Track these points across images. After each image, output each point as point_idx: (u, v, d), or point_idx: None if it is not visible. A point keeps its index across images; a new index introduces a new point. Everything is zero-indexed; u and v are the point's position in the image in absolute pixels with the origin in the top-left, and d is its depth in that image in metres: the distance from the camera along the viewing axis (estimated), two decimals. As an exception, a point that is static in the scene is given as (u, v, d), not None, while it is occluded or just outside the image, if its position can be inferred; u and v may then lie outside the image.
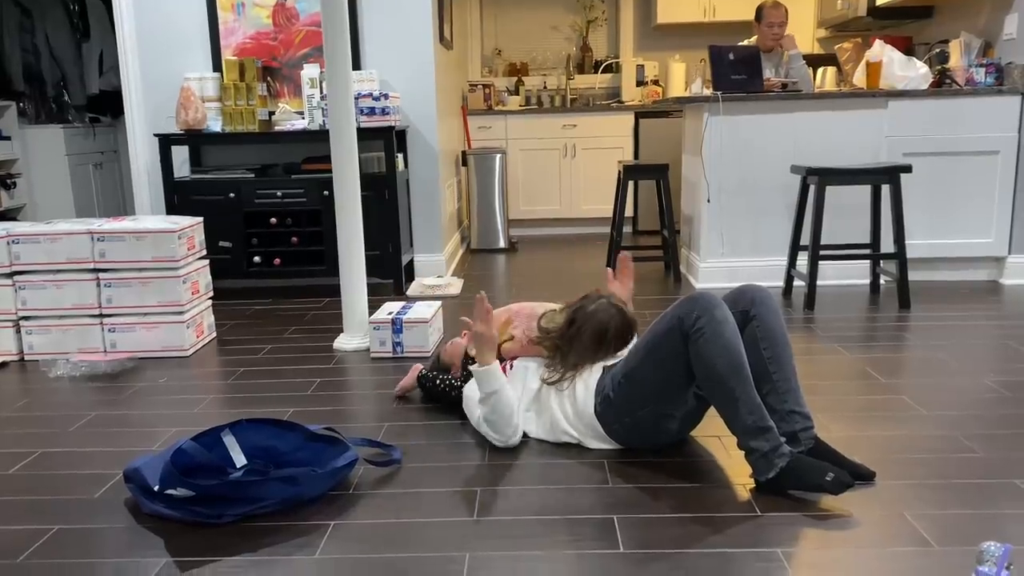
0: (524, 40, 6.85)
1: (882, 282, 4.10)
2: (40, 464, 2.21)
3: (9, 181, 5.54)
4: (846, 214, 4.09)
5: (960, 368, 2.80)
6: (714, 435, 2.24)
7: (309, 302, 4.13)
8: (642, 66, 6.56)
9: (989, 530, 1.72)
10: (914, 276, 4.03)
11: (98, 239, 3.15)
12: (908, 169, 3.63)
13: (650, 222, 6.14)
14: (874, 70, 4.14)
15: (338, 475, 1.99)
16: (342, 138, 3.18)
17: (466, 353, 2.49)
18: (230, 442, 2.01)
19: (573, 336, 2.20)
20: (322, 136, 4.00)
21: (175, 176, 4.17)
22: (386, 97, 4.04)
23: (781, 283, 4.07)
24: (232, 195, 4.13)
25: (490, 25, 6.82)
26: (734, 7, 6.25)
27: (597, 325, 2.19)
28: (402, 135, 4.42)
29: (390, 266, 4.19)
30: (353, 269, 3.29)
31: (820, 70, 5.07)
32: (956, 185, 4.07)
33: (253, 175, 4.18)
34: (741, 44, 4.54)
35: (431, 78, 4.41)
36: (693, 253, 4.43)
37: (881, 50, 4.17)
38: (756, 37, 4.68)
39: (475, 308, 2.17)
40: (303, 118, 4.20)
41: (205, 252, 3.46)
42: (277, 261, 4.19)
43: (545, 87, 6.79)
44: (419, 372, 2.62)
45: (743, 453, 1.93)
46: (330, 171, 3.85)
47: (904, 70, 4.10)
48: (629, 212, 6.20)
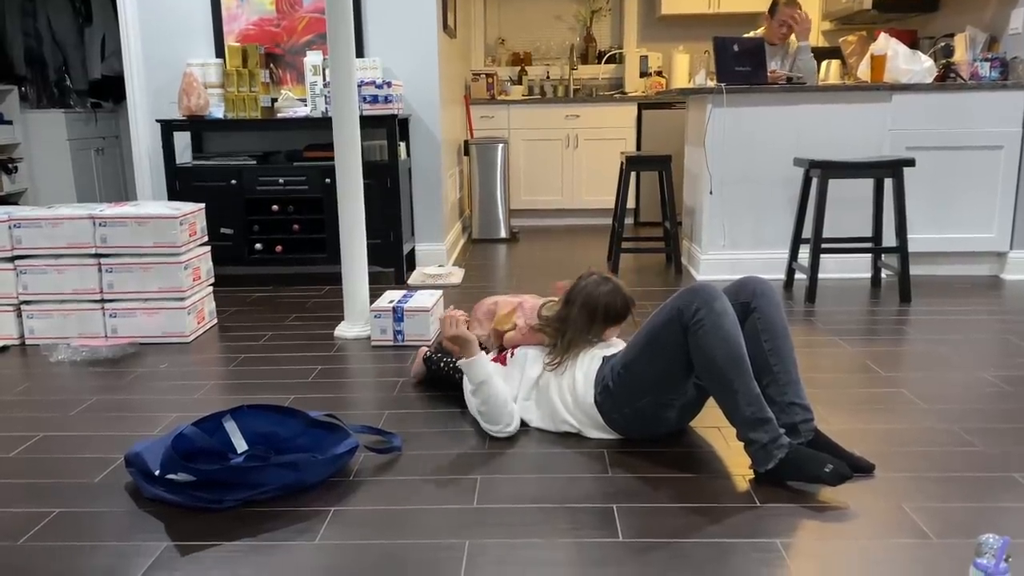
0: (528, 30, 6.83)
1: (883, 276, 4.10)
2: (41, 448, 2.21)
3: (11, 166, 5.54)
4: (848, 207, 4.09)
5: (960, 362, 2.81)
6: (713, 425, 2.25)
7: (310, 290, 4.13)
8: (646, 57, 6.54)
9: (988, 523, 1.73)
10: (915, 270, 4.02)
11: (99, 224, 3.14)
12: (911, 163, 3.62)
13: (652, 213, 6.13)
14: (878, 63, 4.12)
15: (338, 462, 1.99)
16: (344, 126, 3.18)
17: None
18: (231, 428, 2.02)
19: (568, 315, 2.24)
20: (324, 124, 3.98)
21: (177, 162, 4.16)
22: (389, 85, 4.03)
23: (782, 276, 4.07)
24: (234, 182, 4.12)
25: (494, 14, 6.79)
26: (739, -2, 6.23)
27: (586, 298, 2.23)
28: (405, 124, 4.41)
29: (391, 255, 4.19)
30: (354, 257, 3.29)
31: (824, 63, 5.05)
32: (959, 180, 4.06)
33: (255, 162, 4.17)
34: (746, 36, 4.52)
35: (434, 67, 4.40)
36: (695, 245, 4.42)
37: (886, 43, 4.15)
38: (763, 29, 4.67)
39: (442, 324, 2.23)
40: (306, 105, 4.19)
41: (207, 238, 3.45)
42: (279, 248, 4.19)
43: (548, 77, 6.77)
44: (424, 355, 2.62)
45: (742, 444, 1.93)
46: (332, 159, 3.84)
47: (908, 64, 4.08)
48: (631, 203, 6.18)
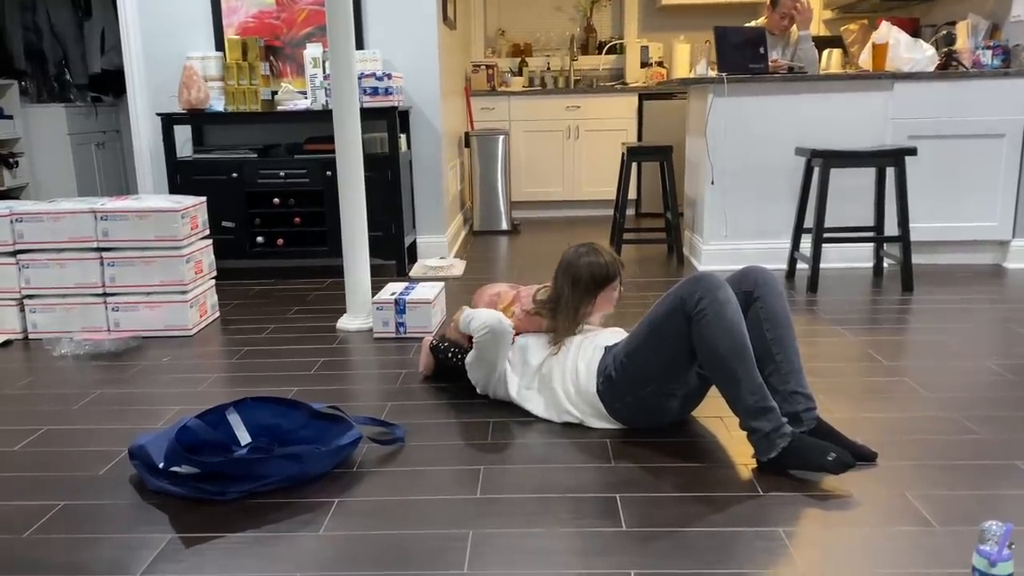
0: (528, 21, 6.80)
1: (885, 265, 4.10)
2: (45, 441, 2.22)
3: (11, 160, 5.54)
4: (850, 197, 4.08)
5: (962, 351, 2.80)
6: (716, 415, 2.25)
7: (312, 282, 4.13)
8: (646, 47, 6.52)
9: (990, 510, 1.73)
10: (917, 259, 4.02)
11: (101, 218, 3.14)
12: (913, 152, 3.61)
13: (653, 204, 6.11)
14: (880, 52, 4.11)
15: (342, 453, 2.00)
16: (345, 118, 3.17)
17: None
18: (234, 420, 2.02)
19: (559, 293, 2.29)
20: (325, 116, 3.98)
21: (177, 156, 4.16)
22: (389, 77, 4.02)
23: (784, 265, 4.07)
24: (235, 175, 4.12)
25: (493, 5, 6.77)
26: (740, -12, 6.21)
27: (568, 268, 2.28)
28: (405, 116, 4.40)
29: (393, 247, 4.19)
30: (356, 250, 3.29)
31: (826, 52, 5.04)
32: (961, 168, 4.05)
33: (256, 155, 4.17)
34: (747, 25, 4.51)
35: (434, 58, 4.39)
36: (696, 235, 4.42)
37: (887, 32, 4.13)
38: (764, 19, 4.65)
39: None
40: (306, 98, 4.19)
41: (208, 232, 3.45)
42: (280, 241, 4.19)
43: (548, 68, 6.75)
44: (431, 344, 2.60)
45: (745, 433, 1.93)
46: (333, 151, 3.83)
47: (910, 52, 4.07)
48: (632, 194, 6.18)
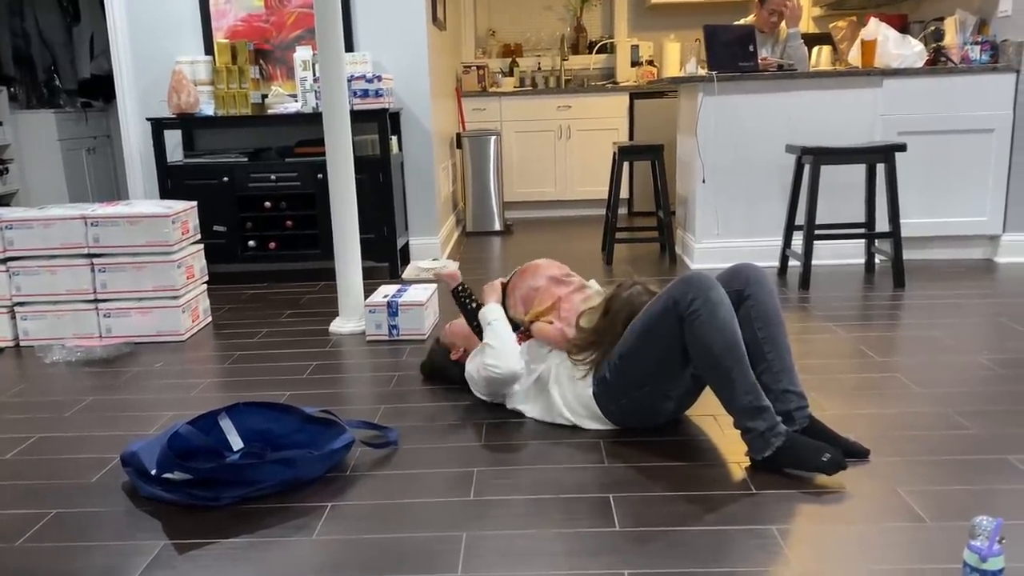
0: (518, 21, 6.81)
1: (877, 261, 4.11)
2: (37, 449, 2.21)
3: (1, 167, 5.51)
4: (841, 193, 4.09)
5: (954, 346, 2.81)
6: (709, 414, 2.25)
7: (304, 286, 4.13)
8: (637, 46, 6.52)
9: (981, 505, 1.74)
10: (909, 255, 4.03)
11: (92, 224, 3.13)
12: (903, 148, 3.62)
13: (645, 203, 6.12)
14: (869, 48, 4.12)
15: (335, 457, 2.00)
16: (335, 121, 3.17)
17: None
18: (227, 426, 2.02)
19: (606, 327, 2.13)
20: (315, 119, 3.96)
21: (168, 160, 4.15)
22: (379, 79, 4.02)
23: (776, 263, 4.08)
24: (226, 179, 4.11)
25: (483, 6, 6.77)
26: (729, -14, 6.22)
27: (632, 311, 2.11)
28: (396, 117, 4.40)
29: (385, 249, 4.19)
30: (348, 252, 3.28)
31: (815, 49, 5.04)
32: (951, 163, 4.07)
33: (246, 159, 4.16)
34: (736, 23, 4.52)
35: (424, 60, 4.38)
36: (688, 234, 4.43)
37: (876, 28, 4.15)
38: (753, 17, 4.66)
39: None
40: (296, 101, 4.18)
41: (199, 236, 3.45)
42: (272, 245, 4.18)
43: (539, 68, 6.76)
44: (452, 289, 2.53)
45: (739, 432, 1.94)
46: (324, 154, 3.83)
47: (899, 48, 4.08)
48: (624, 193, 6.18)
